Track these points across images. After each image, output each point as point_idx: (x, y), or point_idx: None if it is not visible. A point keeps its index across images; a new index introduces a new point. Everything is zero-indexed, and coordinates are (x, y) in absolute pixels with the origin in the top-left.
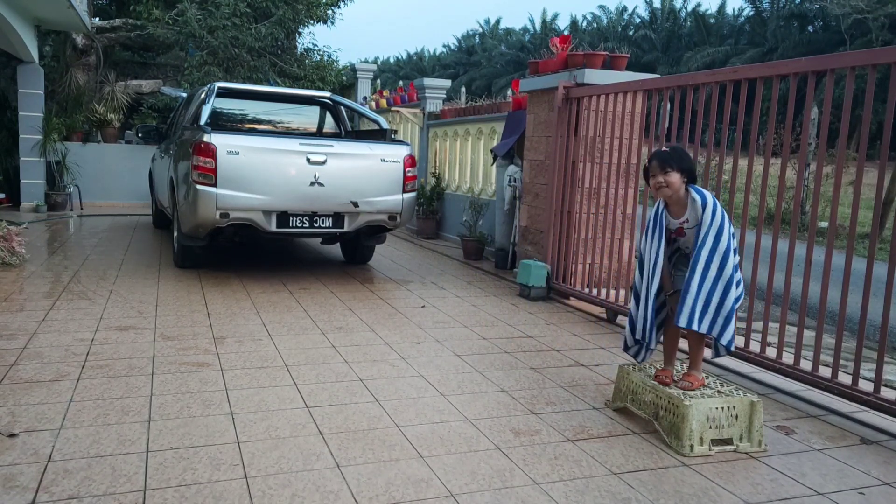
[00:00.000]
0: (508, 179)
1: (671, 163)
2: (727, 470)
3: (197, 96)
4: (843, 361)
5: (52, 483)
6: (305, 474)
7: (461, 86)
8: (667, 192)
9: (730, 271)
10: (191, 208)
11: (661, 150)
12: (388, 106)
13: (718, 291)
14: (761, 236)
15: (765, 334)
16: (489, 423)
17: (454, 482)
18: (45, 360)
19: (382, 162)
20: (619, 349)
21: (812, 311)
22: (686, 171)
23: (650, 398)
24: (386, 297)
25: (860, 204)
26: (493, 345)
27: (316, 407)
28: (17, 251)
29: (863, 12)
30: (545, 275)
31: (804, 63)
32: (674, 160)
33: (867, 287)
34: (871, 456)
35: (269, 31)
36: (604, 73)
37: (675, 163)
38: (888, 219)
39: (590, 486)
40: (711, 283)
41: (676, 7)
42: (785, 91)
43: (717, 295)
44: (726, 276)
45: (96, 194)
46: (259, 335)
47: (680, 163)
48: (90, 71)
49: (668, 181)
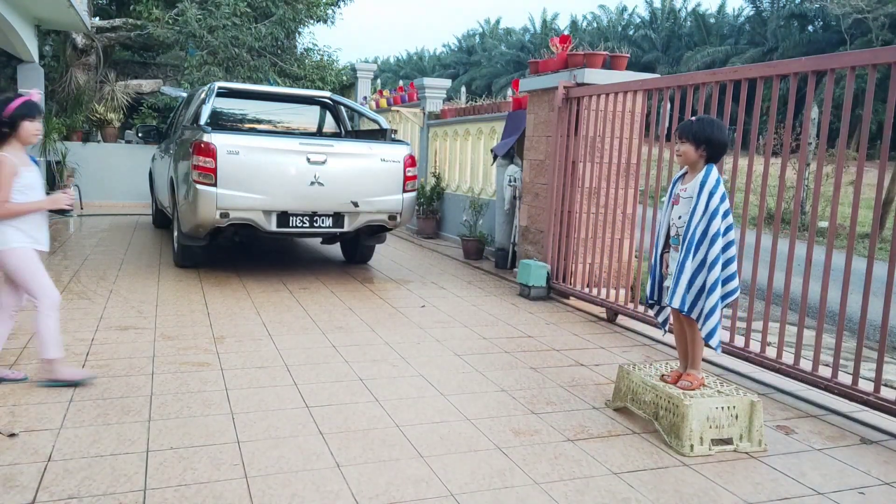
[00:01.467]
0: (508, 179)
1: (687, 134)
2: (727, 470)
3: (197, 96)
4: (843, 361)
5: (52, 482)
6: (305, 474)
7: (461, 85)
8: (680, 161)
9: (714, 255)
10: (191, 208)
11: (689, 119)
12: (388, 106)
13: (702, 275)
14: (761, 236)
15: (765, 334)
16: (489, 422)
17: (454, 482)
18: None
19: (382, 162)
20: (619, 349)
21: (812, 311)
22: (703, 143)
23: (650, 398)
24: (386, 297)
25: (860, 203)
26: (493, 344)
27: (316, 407)
28: None
29: (863, 12)
30: (545, 274)
31: (804, 63)
32: (690, 132)
33: (867, 287)
34: (871, 456)
35: (269, 31)
36: (604, 72)
37: (691, 135)
38: (888, 218)
39: (590, 486)
40: (697, 265)
41: (676, 7)
42: (785, 91)
43: (700, 278)
44: (710, 260)
45: (96, 194)
46: (259, 335)
47: (696, 135)
48: (90, 71)
49: (682, 150)
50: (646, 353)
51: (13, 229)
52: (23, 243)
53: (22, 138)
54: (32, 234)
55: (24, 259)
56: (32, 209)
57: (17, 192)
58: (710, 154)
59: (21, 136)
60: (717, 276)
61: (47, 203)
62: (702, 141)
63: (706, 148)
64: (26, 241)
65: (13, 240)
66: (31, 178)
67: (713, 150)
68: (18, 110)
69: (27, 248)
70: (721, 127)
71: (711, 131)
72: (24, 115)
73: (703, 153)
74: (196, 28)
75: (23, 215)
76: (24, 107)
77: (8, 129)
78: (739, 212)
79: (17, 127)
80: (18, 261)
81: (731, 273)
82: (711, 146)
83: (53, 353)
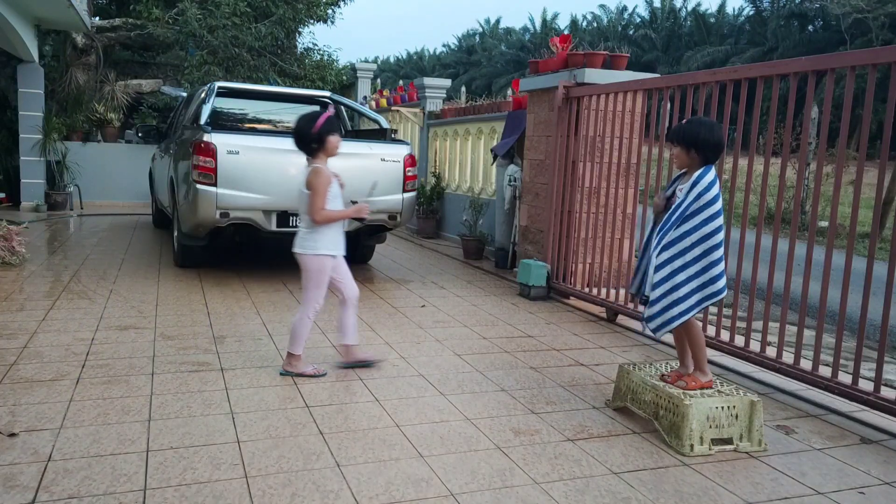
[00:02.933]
0: (508, 179)
1: (676, 137)
2: (727, 469)
3: (197, 96)
4: (843, 361)
5: (52, 482)
6: (305, 474)
7: (461, 85)
8: (676, 164)
9: (692, 255)
10: (191, 208)
11: (680, 122)
12: (388, 105)
13: (670, 268)
14: (761, 236)
15: (765, 334)
16: (489, 422)
17: (454, 482)
18: (45, 360)
19: (382, 161)
20: (619, 349)
21: (812, 311)
22: (692, 146)
23: (650, 397)
24: (386, 297)
25: (860, 203)
26: (494, 344)
27: (316, 406)
28: (17, 251)
29: (863, 12)
30: (545, 274)
31: (804, 62)
32: (679, 135)
33: (867, 286)
34: (871, 455)
35: (269, 31)
36: (604, 72)
37: (680, 138)
38: (888, 218)
39: (590, 486)
40: (668, 258)
41: (676, 6)
42: (785, 90)
43: (665, 270)
44: (681, 257)
45: (96, 194)
46: (259, 334)
47: (685, 138)
48: (90, 70)
49: (675, 153)
50: (646, 352)
51: (321, 236)
52: (327, 250)
53: (328, 151)
54: (334, 241)
55: (321, 265)
56: (343, 216)
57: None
58: (704, 155)
59: (327, 150)
60: (689, 274)
61: (352, 212)
62: (691, 143)
63: (697, 150)
64: (329, 248)
65: (321, 247)
66: (336, 189)
67: (706, 151)
68: (324, 126)
69: (327, 256)
70: (711, 127)
71: (699, 133)
72: (330, 130)
73: (696, 155)
74: (196, 28)
75: (334, 221)
76: (328, 123)
77: (316, 145)
78: (739, 211)
79: (324, 142)
80: (317, 266)
81: (714, 275)
82: (702, 148)
83: (295, 350)
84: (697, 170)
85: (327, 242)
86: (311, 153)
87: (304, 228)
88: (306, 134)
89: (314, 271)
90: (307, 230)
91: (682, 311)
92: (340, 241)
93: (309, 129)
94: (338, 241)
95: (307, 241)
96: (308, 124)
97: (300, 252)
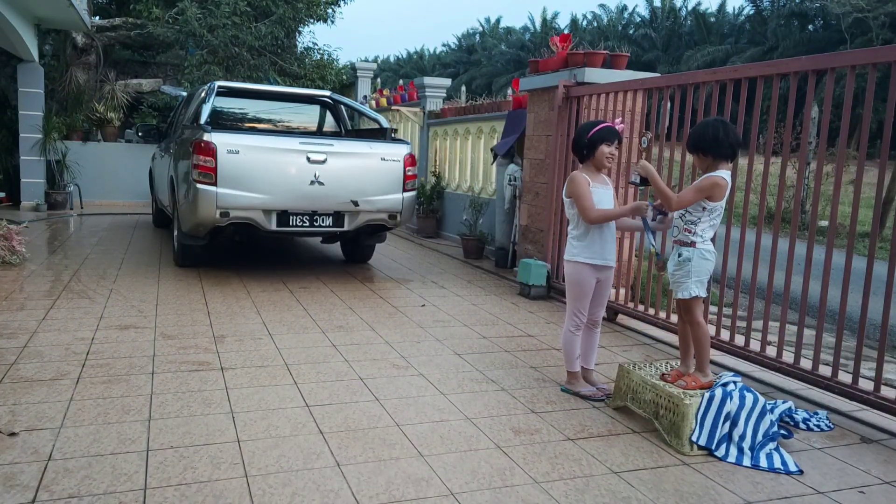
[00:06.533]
0: (508, 178)
1: (689, 148)
2: (727, 469)
3: (197, 95)
4: (843, 360)
5: (52, 482)
6: (306, 473)
7: (461, 85)
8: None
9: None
10: (191, 207)
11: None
12: (388, 105)
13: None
14: (761, 235)
15: (765, 333)
16: (489, 421)
17: (454, 481)
18: (45, 359)
19: (382, 161)
20: (619, 348)
21: (812, 310)
22: (701, 150)
23: (650, 397)
24: (386, 296)
25: (860, 203)
26: (494, 344)
27: (316, 406)
28: (17, 250)
29: (863, 11)
30: (545, 274)
31: (804, 62)
32: (689, 146)
33: (867, 286)
34: (871, 454)
35: (270, 30)
36: (604, 71)
37: (691, 147)
38: (888, 218)
39: (590, 485)
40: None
41: (677, 6)
42: (785, 90)
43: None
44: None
45: (96, 193)
46: (259, 334)
47: (694, 146)
48: (90, 70)
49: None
50: (646, 352)
51: (580, 242)
52: (584, 258)
53: (596, 160)
54: (595, 250)
55: (577, 274)
56: (617, 214)
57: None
58: (716, 154)
59: (596, 158)
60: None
61: (629, 209)
62: (698, 148)
63: (705, 152)
64: (586, 255)
65: (578, 253)
66: (602, 196)
67: (714, 150)
68: (598, 134)
69: (584, 265)
70: (707, 125)
71: (700, 137)
72: (604, 138)
73: (710, 157)
74: (196, 27)
75: (609, 220)
76: (605, 131)
77: (586, 151)
78: (740, 210)
79: (594, 149)
80: (572, 272)
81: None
82: (710, 149)
83: (568, 367)
84: (714, 171)
85: (584, 249)
86: (582, 159)
87: (573, 233)
88: (580, 138)
89: (569, 279)
90: (573, 237)
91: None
92: (603, 251)
93: (584, 134)
94: (598, 251)
95: (568, 247)
96: (585, 129)
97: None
